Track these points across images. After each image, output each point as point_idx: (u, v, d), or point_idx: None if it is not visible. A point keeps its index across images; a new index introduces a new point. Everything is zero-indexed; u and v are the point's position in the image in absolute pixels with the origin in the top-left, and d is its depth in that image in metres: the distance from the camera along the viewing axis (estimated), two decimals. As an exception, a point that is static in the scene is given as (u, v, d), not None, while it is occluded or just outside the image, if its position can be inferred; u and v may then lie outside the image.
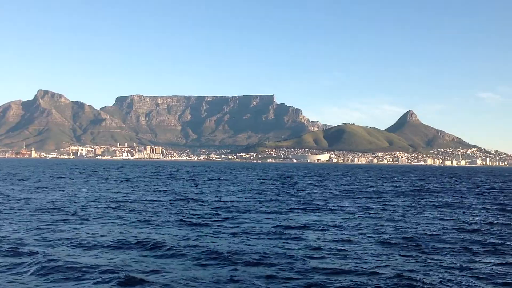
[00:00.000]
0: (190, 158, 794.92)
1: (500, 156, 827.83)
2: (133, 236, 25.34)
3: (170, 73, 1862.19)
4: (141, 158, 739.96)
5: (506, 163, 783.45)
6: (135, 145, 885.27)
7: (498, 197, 60.01)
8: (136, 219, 31.93)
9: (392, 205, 45.90)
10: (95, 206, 39.64)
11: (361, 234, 27.69)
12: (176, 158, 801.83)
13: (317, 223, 31.80)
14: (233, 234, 26.84)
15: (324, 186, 79.45)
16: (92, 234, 25.94)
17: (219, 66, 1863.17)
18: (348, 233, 27.90)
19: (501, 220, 35.18)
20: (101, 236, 25.47)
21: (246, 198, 50.36)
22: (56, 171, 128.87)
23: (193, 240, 24.82)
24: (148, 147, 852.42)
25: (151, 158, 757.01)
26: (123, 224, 29.81)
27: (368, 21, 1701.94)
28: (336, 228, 29.63)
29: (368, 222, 32.45)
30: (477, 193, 68.18)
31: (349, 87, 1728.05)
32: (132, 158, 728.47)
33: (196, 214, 35.37)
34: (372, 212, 39.17)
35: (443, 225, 32.08)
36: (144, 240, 23.99)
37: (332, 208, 41.46)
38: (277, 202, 46.60)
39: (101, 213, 35.04)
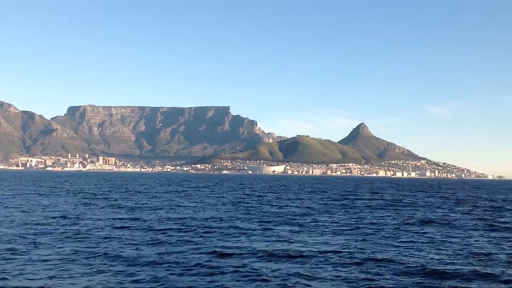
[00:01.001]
0: (144, 170, 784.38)
1: (448, 168, 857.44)
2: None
3: (124, 83, 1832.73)
4: (94, 169, 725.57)
5: (454, 175, 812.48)
6: (87, 156, 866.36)
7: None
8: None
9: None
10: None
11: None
12: (130, 169, 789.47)
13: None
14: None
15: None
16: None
17: (175, 77, 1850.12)
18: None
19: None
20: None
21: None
22: None
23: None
24: (101, 158, 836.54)
25: (104, 169, 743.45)
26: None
27: (322, 34, 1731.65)
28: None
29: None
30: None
31: (303, 100, 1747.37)
32: (84, 169, 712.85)
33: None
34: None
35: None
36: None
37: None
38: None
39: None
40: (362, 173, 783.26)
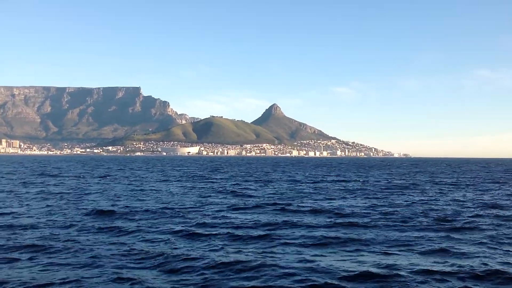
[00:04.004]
0: (52, 152, 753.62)
1: (357, 147, 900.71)
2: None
3: (26, 61, 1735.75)
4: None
5: (362, 153, 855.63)
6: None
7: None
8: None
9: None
10: None
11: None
12: (36, 152, 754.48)
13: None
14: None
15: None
16: None
17: (81, 56, 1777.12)
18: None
19: None
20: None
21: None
22: None
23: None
24: (3, 141, 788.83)
25: (8, 152, 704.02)
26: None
27: (231, 16, 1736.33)
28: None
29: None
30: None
31: (214, 81, 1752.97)
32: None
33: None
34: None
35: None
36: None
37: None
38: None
39: None
40: (276, 153, 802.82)
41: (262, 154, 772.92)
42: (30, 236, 21.19)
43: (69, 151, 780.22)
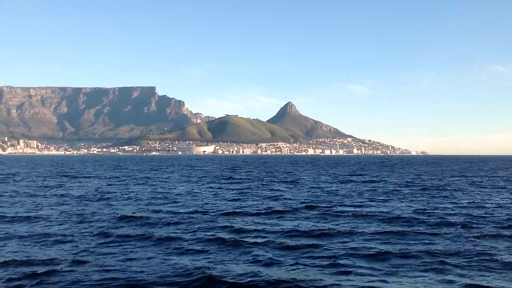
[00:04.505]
0: (69, 152, 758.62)
1: (373, 145, 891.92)
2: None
3: (43, 63, 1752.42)
4: (15, 153, 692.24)
5: (379, 151, 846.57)
6: (6, 139, 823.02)
7: None
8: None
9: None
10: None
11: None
12: (54, 152, 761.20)
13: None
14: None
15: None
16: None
17: (97, 57, 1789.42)
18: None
19: None
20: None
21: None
22: None
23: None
24: (21, 141, 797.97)
25: (26, 153, 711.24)
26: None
27: (243, 15, 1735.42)
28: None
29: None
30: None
31: (225, 80, 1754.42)
32: (4, 153, 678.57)
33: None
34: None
35: None
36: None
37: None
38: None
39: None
40: (292, 151, 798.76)
41: (277, 153, 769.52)
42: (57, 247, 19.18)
43: (86, 151, 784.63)
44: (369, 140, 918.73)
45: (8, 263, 16.52)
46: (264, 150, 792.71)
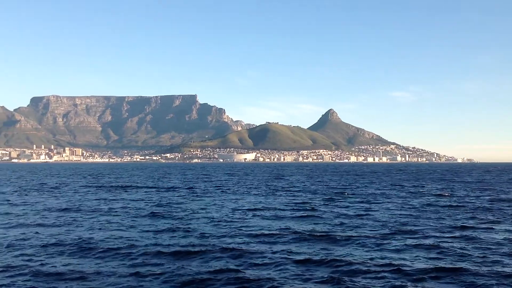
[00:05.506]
0: (113, 160, 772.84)
1: (418, 152, 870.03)
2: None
3: (88, 72, 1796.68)
4: (61, 160, 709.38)
5: (424, 159, 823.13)
6: (52, 147, 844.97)
7: None
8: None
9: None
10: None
11: None
12: (98, 160, 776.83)
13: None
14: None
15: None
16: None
17: (139, 66, 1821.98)
18: None
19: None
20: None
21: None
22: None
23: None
24: (67, 149, 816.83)
25: (71, 160, 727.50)
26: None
27: (285, 24, 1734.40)
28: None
29: None
30: None
31: (264, 87, 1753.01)
32: (51, 160, 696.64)
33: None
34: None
35: None
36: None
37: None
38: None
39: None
40: (334, 159, 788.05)
41: (319, 160, 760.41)
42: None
43: (129, 158, 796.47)
44: (413, 147, 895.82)
45: None
46: (305, 157, 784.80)
